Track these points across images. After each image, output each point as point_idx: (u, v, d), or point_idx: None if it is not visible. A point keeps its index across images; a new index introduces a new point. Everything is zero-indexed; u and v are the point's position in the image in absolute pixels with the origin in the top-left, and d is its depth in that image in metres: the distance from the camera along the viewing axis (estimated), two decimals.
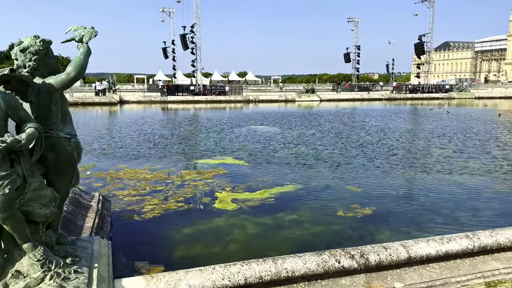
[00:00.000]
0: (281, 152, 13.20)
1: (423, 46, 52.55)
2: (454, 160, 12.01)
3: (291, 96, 48.47)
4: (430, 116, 27.84)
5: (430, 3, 52.02)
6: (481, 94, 53.28)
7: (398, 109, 35.54)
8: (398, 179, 9.89)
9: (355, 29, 68.09)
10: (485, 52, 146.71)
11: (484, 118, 25.84)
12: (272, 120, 23.77)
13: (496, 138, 16.72)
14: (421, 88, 53.44)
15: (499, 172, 10.57)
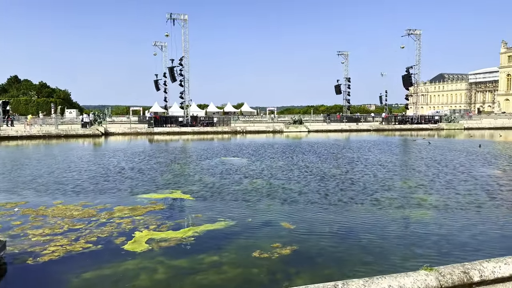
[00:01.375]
0: (236, 185, 12.72)
1: (410, 78, 52.92)
2: (414, 194, 11.51)
3: (279, 127, 48.36)
4: (411, 147, 27.49)
5: (417, 36, 52.83)
6: (470, 125, 53.18)
7: (383, 140, 35.22)
8: (343, 215, 9.36)
9: (345, 62, 69.09)
10: (479, 84, 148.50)
11: (465, 149, 25.46)
12: (248, 151, 23.40)
13: (468, 172, 16.22)
14: (410, 119, 53.37)
15: (454, 208, 10.04)
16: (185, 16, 46.37)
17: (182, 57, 46.69)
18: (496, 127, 52.92)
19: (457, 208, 9.89)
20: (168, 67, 48.37)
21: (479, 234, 7.89)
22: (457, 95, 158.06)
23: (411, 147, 27.54)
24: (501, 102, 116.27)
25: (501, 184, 13.03)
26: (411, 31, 52.54)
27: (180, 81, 47.23)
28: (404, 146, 28.29)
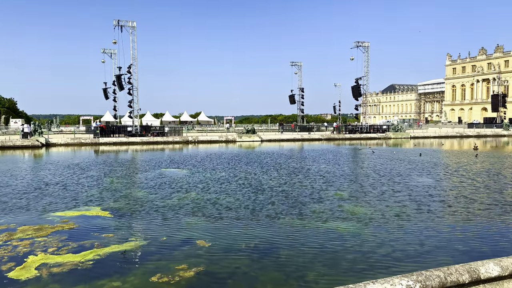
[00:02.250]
0: (163, 201, 12.10)
1: (359, 89, 54.52)
2: (344, 206, 11.43)
3: (232, 137, 48.01)
4: (355, 156, 28.01)
5: (365, 48, 54.61)
6: (417, 134, 55.43)
7: (331, 149, 35.76)
8: (267, 230, 9.02)
9: (298, 72, 70.27)
10: (427, 94, 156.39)
11: (407, 158, 26.25)
12: (193, 162, 22.76)
13: (404, 182, 16.51)
14: (360, 128, 54.86)
15: (379, 221, 10.01)
16: (133, 23, 45.15)
17: (131, 64, 45.35)
18: (440, 135, 55.57)
19: (382, 220, 9.86)
20: (115, 75, 46.81)
21: (398, 249, 7.82)
22: (407, 105, 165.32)
23: (355, 156, 28.06)
24: (447, 112, 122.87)
25: (431, 194, 13.28)
26: (360, 43, 54.25)
27: (128, 90, 45.80)
28: (349, 155, 28.78)
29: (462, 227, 9.15)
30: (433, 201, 11.91)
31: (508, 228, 9.17)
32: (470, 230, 8.93)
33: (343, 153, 30.43)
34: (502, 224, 9.48)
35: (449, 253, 7.54)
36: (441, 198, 12.44)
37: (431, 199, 12.32)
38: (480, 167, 20.80)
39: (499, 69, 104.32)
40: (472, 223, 9.55)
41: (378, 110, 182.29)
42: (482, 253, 7.39)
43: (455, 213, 10.45)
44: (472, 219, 9.84)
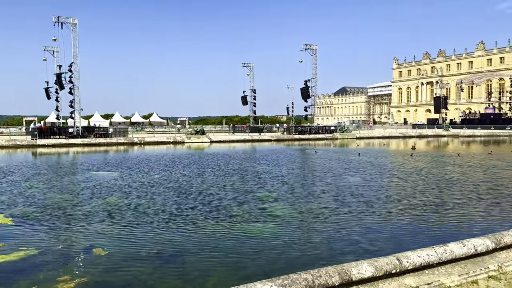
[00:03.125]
0: (79, 206, 11.39)
1: (308, 91, 55.48)
2: (267, 207, 11.28)
3: (180, 138, 47.10)
4: (298, 156, 28.27)
5: (313, 51, 55.64)
6: (363, 134, 57.26)
7: (278, 149, 35.96)
8: (176, 235, 8.66)
9: (250, 73, 70.43)
10: (376, 97, 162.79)
11: (347, 158, 26.85)
12: (129, 165, 21.86)
13: (336, 182, 16.70)
14: (309, 129, 55.82)
15: (297, 222, 9.95)
16: (74, 20, 43.09)
17: (72, 63, 43.25)
18: (384, 136, 57.76)
19: (300, 222, 9.81)
20: (55, 74, 44.42)
21: (308, 251, 7.74)
22: (357, 107, 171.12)
23: (298, 156, 28.33)
24: (394, 113, 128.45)
25: (358, 194, 13.47)
26: (308, 46, 55.19)
27: (70, 89, 43.63)
28: (292, 156, 29.02)
29: (377, 227, 9.27)
30: (357, 201, 12.06)
31: (421, 227, 9.42)
32: (383, 230, 9.06)
33: (287, 154, 30.64)
34: (417, 223, 9.72)
35: (358, 253, 7.56)
36: (366, 199, 12.60)
37: (355, 199, 12.48)
38: (413, 167, 21.63)
39: (442, 72, 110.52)
40: (388, 222, 9.71)
41: (331, 112, 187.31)
42: (389, 253, 7.49)
43: (373, 213, 10.60)
44: (389, 219, 10.02)
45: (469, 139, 55.67)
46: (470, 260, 5.52)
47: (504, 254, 5.85)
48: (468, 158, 26.56)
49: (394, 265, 4.81)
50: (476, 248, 5.54)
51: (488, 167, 20.93)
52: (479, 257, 5.62)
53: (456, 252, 5.35)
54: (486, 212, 10.69)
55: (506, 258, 5.76)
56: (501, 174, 18.14)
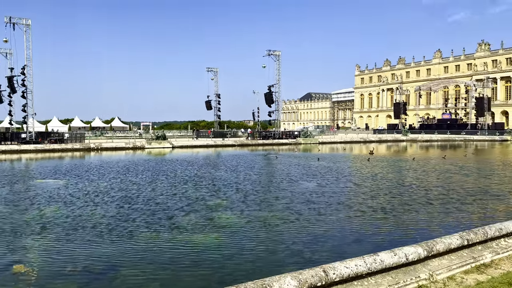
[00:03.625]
0: (12, 217, 10.58)
1: (272, 96, 55.69)
2: (214, 215, 10.93)
3: (140, 143, 45.87)
4: (258, 162, 28.07)
5: (276, 57, 56.01)
6: (325, 139, 58.08)
7: (241, 154, 35.68)
8: (112, 247, 8.14)
9: (214, 78, 69.96)
10: (340, 102, 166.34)
11: (306, 163, 26.93)
12: (79, 172, 20.85)
13: (291, 187, 16.58)
14: (273, 134, 55.97)
15: (241, 231, 9.66)
16: (28, 21, 41.12)
17: (25, 65, 41.23)
18: (346, 141, 58.78)
19: (245, 230, 9.53)
20: (6, 77, 42.18)
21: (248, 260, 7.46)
22: (322, 112, 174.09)
23: (258, 162, 28.14)
24: (356, 119, 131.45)
25: (310, 200, 13.35)
26: (271, 51, 55.51)
27: (22, 93, 41.51)
28: (253, 161, 28.80)
29: (323, 236, 9.12)
30: (308, 209, 11.91)
31: (368, 235, 9.36)
32: (329, 239, 8.92)
33: (248, 159, 30.40)
34: (364, 230, 9.67)
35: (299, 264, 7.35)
36: (317, 205, 12.45)
37: (306, 206, 12.32)
38: (368, 172, 21.93)
39: (401, 79, 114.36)
40: (335, 231, 9.60)
41: (297, 117, 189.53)
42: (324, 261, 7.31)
43: (321, 221, 10.47)
44: (336, 227, 9.91)
45: (427, 143, 57.67)
46: (401, 270, 5.41)
47: (436, 262, 5.80)
48: (423, 162, 27.33)
49: (319, 278, 4.60)
50: (408, 256, 5.44)
51: (441, 172, 21.54)
52: (411, 265, 5.52)
53: (386, 261, 5.21)
54: (433, 217, 10.81)
55: (438, 266, 5.71)
56: (452, 179, 18.62)
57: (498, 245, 6.70)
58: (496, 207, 12.09)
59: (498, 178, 18.70)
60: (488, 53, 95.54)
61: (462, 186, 16.31)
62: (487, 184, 16.66)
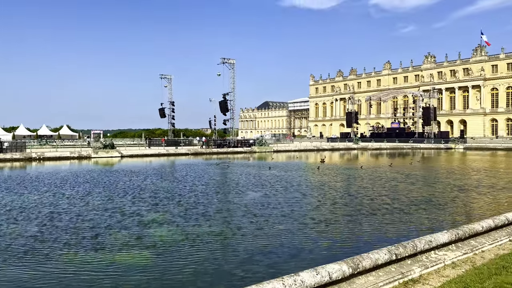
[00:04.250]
0: None
1: (227, 104, 55.29)
2: (149, 232, 10.22)
3: (86, 153, 43.67)
4: (208, 171, 27.41)
5: (231, 65, 55.78)
6: (280, 148, 58.38)
7: (191, 164, 34.80)
8: (14, 273, 7.24)
9: (168, 85, 68.63)
10: (297, 111, 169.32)
11: (257, 172, 26.63)
12: (10, 184, 19.19)
13: (235, 200, 16.13)
14: (228, 143, 55.47)
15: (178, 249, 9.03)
16: None
17: None
18: (300, 149, 59.47)
19: (174, 247, 8.92)
20: None
21: (174, 280, 6.86)
22: (280, 120, 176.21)
23: (209, 171, 27.47)
24: (312, 128, 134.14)
25: (252, 212, 12.95)
26: (226, 59, 55.24)
27: None
28: (203, 170, 28.08)
29: (258, 252, 8.70)
30: (249, 222, 11.48)
31: (304, 250, 9.05)
32: (264, 255, 8.51)
33: (199, 169, 29.65)
34: (301, 245, 9.35)
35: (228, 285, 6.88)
36: (259, 218, 12.00)
37: (248, 219, 11.87)
38: (318, 181, 21.98)
39: (353, 89, 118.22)
40: (272, 246, 9.21)
41: (254, 125, 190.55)
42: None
43: (261, 236, 10.06)
44: (273, 242, 9.53)
45: (377, 151, 59.58)
46: None
47: (362, 280, 5.53)
48: (370, 171, 27.89)
49: None
50: (331, 275, 5.12)
51: (387, 180, 21.97)
52: (335, 285, 5.20)
53: (308, 281, 4.85)
54: (375, 229, 10.69)
55: (364, 284, 5.44)
56: (398, 187, 18.93)
57: (428, 258, 6.59)
58: (438, 217, 12.26)
59: (442, 186, 19.25)
60: (434, 65, 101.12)
61: (407, 195, 16.56)
62: (431, 193, 17.05)
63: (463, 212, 13.06)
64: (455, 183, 20.63)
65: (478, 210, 13.51)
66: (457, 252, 6.97)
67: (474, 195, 16.49)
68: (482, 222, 8.06)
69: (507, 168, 30.89)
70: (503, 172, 27.12)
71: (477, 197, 16.04)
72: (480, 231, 7.80)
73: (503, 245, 7.83)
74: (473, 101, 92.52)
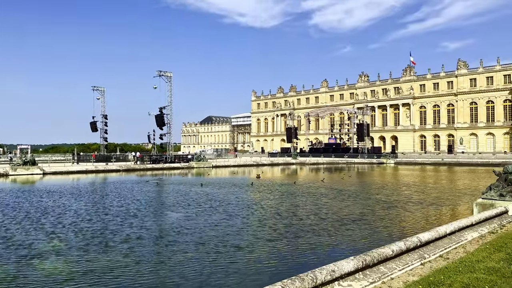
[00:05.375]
0: None
1: (163, 118, 53.39)
2: (34, 265, 8.71)
3: (3, 169, 39.55)
4: (133, 189, 25.60)
5: (168, 78, 54.16)
6: (219, 163, 57.29)
7: (120, 181, 32.54)
8: None
9: (101, 98, 65.23)
10: (240, 126, 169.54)
11: (186, 190, 25.37)
12: None
13: (149, 225, 14.85)
14: (164, 158, 53.40)
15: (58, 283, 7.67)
16: None
17: None
18: (240, 164, 58.79)
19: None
20: None
21: None
22: (223, 135, 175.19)
23: (134, 190, 25.64)
24: (254, 143, 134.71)
25: (165, 238, 11.81)
26: (162, 72, 53.56)
27: None
28: (129, 189, 26.18)
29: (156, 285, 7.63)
30: (155, 252, 10.37)
31: (211, 279, 8.11)
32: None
33: (126, 187, 27.67)
34: (210, 273, 8.40)
35: None
36: (168, 248, 10.92)
37: (155, 247, 10.78)
38: (248, 198, 21.22)
39: (293, 106, 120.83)
40: (173, 278, 8.18)
41: (197, 140, 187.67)
42: None
43: (161, 268, 9.00)
44: (174, 274, 8.51)
45: (314, 166, 60.54)
46: None
47: None
48: (304, 187, 27.77)
49: None
50: None
51: (318, 197, 21.75)
52: None
53: None
54: (293, 256, 9.99)
55: None
56: (328, 205, 18.60)
57: None
58: (363, 237, 11.92)
59: (371, 203, 19.25)
60: (367, 84, 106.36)
61: (337, 213, 16.17)
62: (360, 210, 16.91)
63: (389, 231, 12.87)
64: (386, 199, 20.86)
65: (405, 228, 13.42)
66: (364, 282, 6.41)
67: (402, 212, 16.59)
68: (393, 245, 7.65)
69: (435, 183, 32.35)
70: (431, 187, 28.20)
71: (405, 214, 16.11)
72: (390, 255, 7.36)
73: (414, 269, 7.45)
74: (404, 118, 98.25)
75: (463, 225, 9.79)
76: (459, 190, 25.44)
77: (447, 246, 8.63)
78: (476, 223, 10.55)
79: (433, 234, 8.42)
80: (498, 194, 13.35)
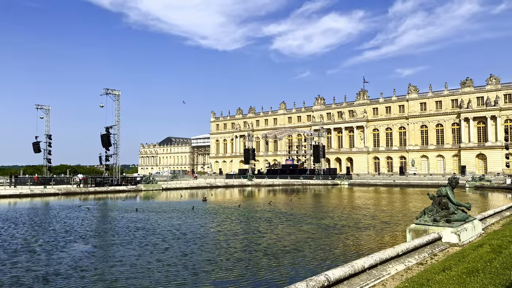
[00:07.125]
0: None
1: (109, 138, 50.74)
2: None
3: None
4: (60, 216, 23.18)
5: (116, 97, 51.85)
6: (170, 185, 54.91)
7: (55, 205, 29.75)
8: None
9: (45, 116, 61.59)
10: (200, 147, 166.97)
11: (117, 215, 23.30)
12: None
13: (49, 260, 12.89)
14: (110, 180, 50.43)
15: None
16: None
17: None
18: (192, 187, 56.65)
19: None
20: None
21: None
22: (182, 157, 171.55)
23: (60, 216, 23.20)
24: (213, 164, 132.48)
25: (66, 279, 9.99)
26: (110, 90, 51.27)
27: None
28: (55, 216, 23.70)
29: None
30: None
31: None
32: None
33: (52, 213, 25.13)
34: None
35: None
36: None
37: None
38: (183, 225, 19.55)
39: (252, 127, 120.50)
40: None
41: (156, 162, 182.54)
42: None
43: None
44: None
45: (270, 188, 59.46)
46: None
47: None
48: (248, 210, 26.42)
49: None
50: None
51: (262, 221, 20.44)
52: None
53: None
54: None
55: None
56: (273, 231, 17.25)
57: None
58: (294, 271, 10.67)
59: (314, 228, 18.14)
60: (324, 106, 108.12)
61: (276, 242, 14.68)
62: (301, 237, 15.68)
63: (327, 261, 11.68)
64: (329, 222, 19.87)
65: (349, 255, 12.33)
66: None
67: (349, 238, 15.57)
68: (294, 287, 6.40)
69: (386, 205, 31.93)
70: (377, 209, 27.65)
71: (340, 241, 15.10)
72: None
73: None
74: (358, 141, 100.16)
75: (386, 257, 8.76)
76: (406, 214, 24.97)
77: (364, 284, 7.51)
78: (403, 253, 9.58)
79: (346, 270, 7.28)
80: (432, 219, 12.60)
